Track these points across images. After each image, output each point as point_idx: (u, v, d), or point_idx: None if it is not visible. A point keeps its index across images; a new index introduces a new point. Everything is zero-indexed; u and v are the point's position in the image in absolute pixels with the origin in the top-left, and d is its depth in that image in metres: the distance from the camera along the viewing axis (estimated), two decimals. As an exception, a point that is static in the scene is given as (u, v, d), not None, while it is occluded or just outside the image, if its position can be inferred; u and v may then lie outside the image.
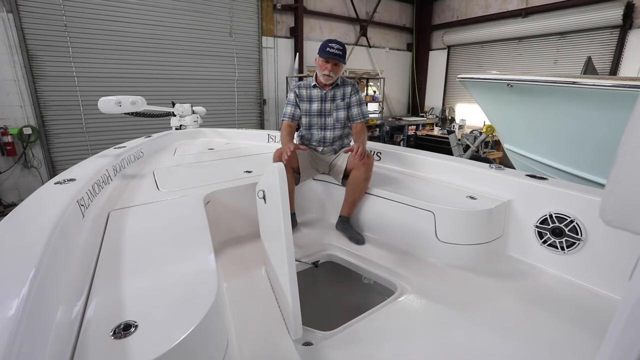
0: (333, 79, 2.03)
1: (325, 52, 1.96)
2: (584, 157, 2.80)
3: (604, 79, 2.43)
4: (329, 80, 2.02)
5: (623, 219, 0.39)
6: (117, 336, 0.73)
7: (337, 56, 1.96)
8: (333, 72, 1.99)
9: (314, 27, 7.61)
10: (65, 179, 1.46)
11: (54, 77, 4.92)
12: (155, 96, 5.60)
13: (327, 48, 1.95)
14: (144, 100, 2.31)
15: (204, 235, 1.18)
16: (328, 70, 1.98)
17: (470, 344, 1.15)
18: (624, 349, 0.34)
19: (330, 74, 1.99)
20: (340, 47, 1.96)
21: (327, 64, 1.98)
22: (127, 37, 5.37)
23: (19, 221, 1.09)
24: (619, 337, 0.35)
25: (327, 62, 1.98)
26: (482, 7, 8.08)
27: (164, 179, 1.97)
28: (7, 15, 4.44)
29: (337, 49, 1.95)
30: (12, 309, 0.63)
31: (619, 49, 6.12)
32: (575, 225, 1.50)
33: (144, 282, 0.94)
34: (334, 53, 1.94)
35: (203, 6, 5.96)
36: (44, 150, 5.03)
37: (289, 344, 1.12)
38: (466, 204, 1.70)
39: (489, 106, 3.82)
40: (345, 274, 1.76)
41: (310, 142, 2.21)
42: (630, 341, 0.33)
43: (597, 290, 1.44)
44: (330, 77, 2.00)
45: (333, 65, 1.98)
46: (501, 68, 7.82)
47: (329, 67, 1.98)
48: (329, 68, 1.98)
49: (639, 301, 0.33)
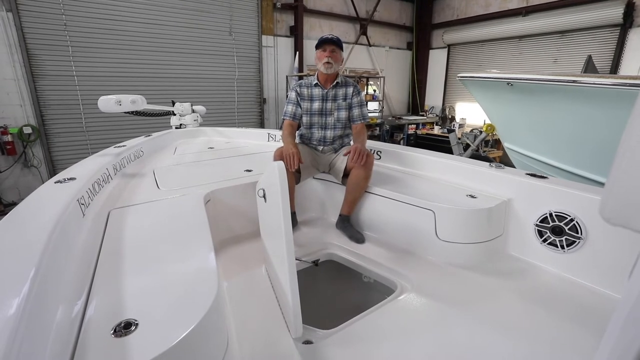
0: (334, 67, 2.03)
1: (320, 41, 2.03)
2: (584, 155, 2.80)
3: (604, 78, 2.43)
4: (330, 68, 2.02)
5: (623, 216, 0.39)
6: (117, 334, 0.73)
7: (333, 42, 2.01)
8: (332, 58, 2.01)
9: (314, 26, 7.60)
10: (66, 178, 1.46)
11: (54, 76, 4.92)
12: (155, 95, 5.60)
13: (322, 38, 2.03)
14: (144, 99, 2.31)
15: (204, 234, 1.18)
16: (326, 57, 2.01)
17: (470, 342, 1.15)
18: (623, 348, 0.34)
19: (330, 60, 2.00)
20: (334, 36, 2.04)
21: (325, 51, 2.01)
22: (127, 36, 5.36)
23: (20, 220, 1.09)
24: (618, 335, 0.35)
25: (324, 50, 2.01)
26: (482, 5, 8.06)
27: (164, 178, 1.97)
28: (7, 14, 4.44)
29: (332, 36, 2.03)
30: (13, 307, 0.64)
31: (619, 48, 6.11)
32: (575, 223, 1.50)
33: (144, 281, 0.94)
34: (329, 38, 2.01)
35: (203, 5, 5.95)
36: (43, 149, 5.03)
37: (289, 343, 1.12)
38: (466, 202, 1.70)
39: (489, 105, 3.82)
40: (345, 272, 1.77)
41: (311, 141, 2.21)
42: (629, 340, 0.33)
43: (597, 289, 1.44)
44: (330, 64, 2.01)
45: (331, 52, 2.01)
46: (501, 67, 7.81)
47: (327, 54, 2.01)
48: (327, 54, 2.01)
49: (638, 300, 0.33)
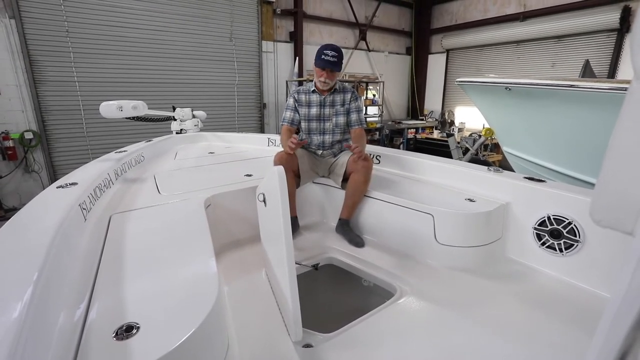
0: (330, 85, 2.10)
1: (320, 60, 2.01)
2: (582, 159, 2.82)
3: (602, 82, 2.45)
4: (326, 86, 2.10)
5: (612, 218, 0.40)
6: (119, 338, 0.74)
7: (332, 64, 2.01)
8: (329, 79, 2.06)
9: (314, 32, 7.66)
10: (67, 183, 1.47)
11: (56, 82, 4.96)
12: (156, 101, 5.63)
13: (322, 56, 1.99)
14: (145, 104, 2.32)
15: (205, 239, 1.19)
16: (324, 77, 2.05)
17: (469, 345, 1.15)
18: (611, 347, 0.35)
19: (327, 81, 2.06)
20: (335, 54, 2.00)
21: (323, 71, 2.04)
22: (129, 43, 5.41)
23: (22, 225, 1.10)
24: (606, 334, 0.36)
25: (323, 70, 2.04)
26: (480, 11, 8.14)
27: (165, 183, 1.98)
28: (10, 22, 4.48)
29: (332, 56, 1.99)
30: (16, 311, 0.64)
31: (616, 52, 6.16)
32: (574, 227, 1.51)
33: (145, 285, 0.94)
34: (328, 61, 1.99)
35: (203, 11, 6.01)
36: (45, 154, 5.05)
37: (289, 346, 1.13)
38: (465, 206, 1.71)
39: (487, 109, 3.84)
40: (345, 276, 1.77)
41: (310, 146, 2.23)
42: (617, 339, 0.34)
43: (595, 292, 1.44)
44: (327, 83, 2.08)
45: (329, 73, 2.04)
46: (499, 71, 7.86)
47: (325, 75, 2.04)
48: (324, 76, 2.04)
49: (625, 299, 0.34)
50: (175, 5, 5.72)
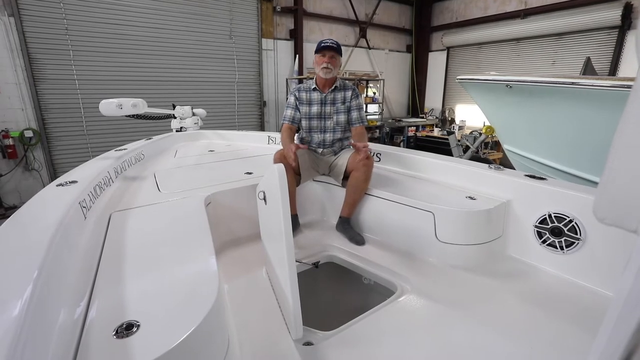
0: (332, 73, 2.06)
1: (320, 47, 2.04)
2: (583, 157, 2.81)
3: (603, 80, 2.44)
4: (329, 73, 2.05)
5: (616, 216, 0.40)
6: (119, 336, 0.74)
7: (332, 49, 2.02)
8: (331, 64, 2.03)
9: (314, 29, 7.63)
10: (67, 181, 1.47)
11: (55, 80, 4.94)
12: (156, 98, 5.62)
13: (322, 43, 2.04)
14: (144, 102, 2.32)
15: (205, 237, 1.19)
16: (325, 62, 2.03)
17: (470, 343, 1.15)
18: (615, 345, 0.34)
19: (329, 65, 2.03)
20: (334, 42, 2.04)
21: (324, 57, 2.03)
22: (128, 40, 5.39)
23: (22, 223, 1.10)
24: (610, 333, 0.35)
25: (324, 56, 2.03)
26: (481, 8, 8.10)
27: (165, 181, 1.98)
28: (9, 19, 4.47)
29: (332, 42, 2.03)
30: (16, 309, 0.64)
31: (617, 50, 6.13)
32: (575, 225, 1.51)
33: (145, 283, 0.94)
34: (328, 45, 2.02)
35: (203, 9, 5.99)
36: (44, 152, 5.05)
37: (289, 344, 1.13)
38: (466, 204, 1.70)
39: (488, 107, 3.83)
40: (345, 274, 1.77)
41: (310, 145, 2.22)
42: (620, 337, 0.34)
43: (596, 290, 1.44)
44: (329, 69, 2.03)
45: (330, 58, 2.03)
46: (500, 69, 7.83)
47: (326, 59, 2.03)
48: (326, 60, 2.03)
49: (628, 298, 0.33)
50: (175, 3, 5.70)
